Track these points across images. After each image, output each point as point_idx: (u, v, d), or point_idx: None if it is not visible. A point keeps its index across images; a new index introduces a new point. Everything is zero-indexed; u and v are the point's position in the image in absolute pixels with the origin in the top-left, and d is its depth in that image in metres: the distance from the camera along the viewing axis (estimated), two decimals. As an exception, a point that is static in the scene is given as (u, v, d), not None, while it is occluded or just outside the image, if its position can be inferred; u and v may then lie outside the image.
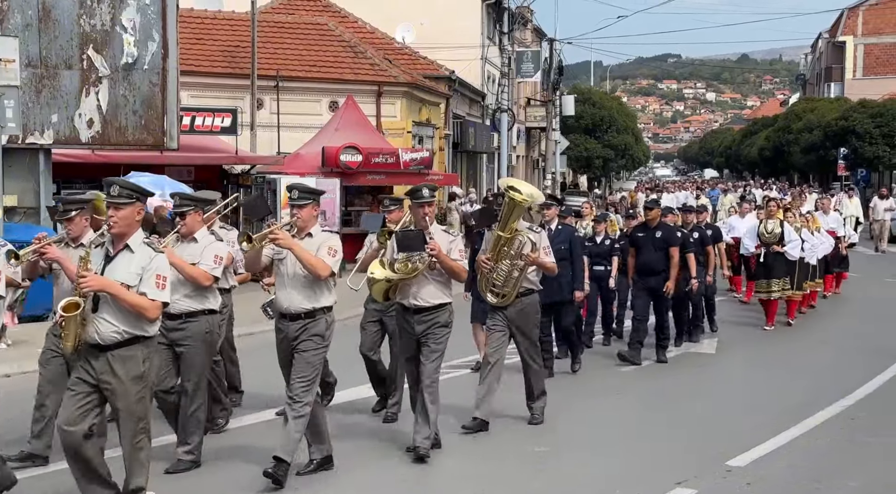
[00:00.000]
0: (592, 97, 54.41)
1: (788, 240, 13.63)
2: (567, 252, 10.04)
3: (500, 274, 8.02)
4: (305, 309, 6.56)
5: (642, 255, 11.33)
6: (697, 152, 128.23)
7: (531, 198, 7.91)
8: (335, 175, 19.98)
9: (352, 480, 6.76)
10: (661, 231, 11.37)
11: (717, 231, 13.79)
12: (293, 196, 6.68)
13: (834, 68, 65.11)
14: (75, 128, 13.25)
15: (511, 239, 7.98)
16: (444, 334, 7.32)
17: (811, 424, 8.46)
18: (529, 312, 8.20)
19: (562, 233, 10.22)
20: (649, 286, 11.22)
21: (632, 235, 11.71)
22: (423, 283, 7.24)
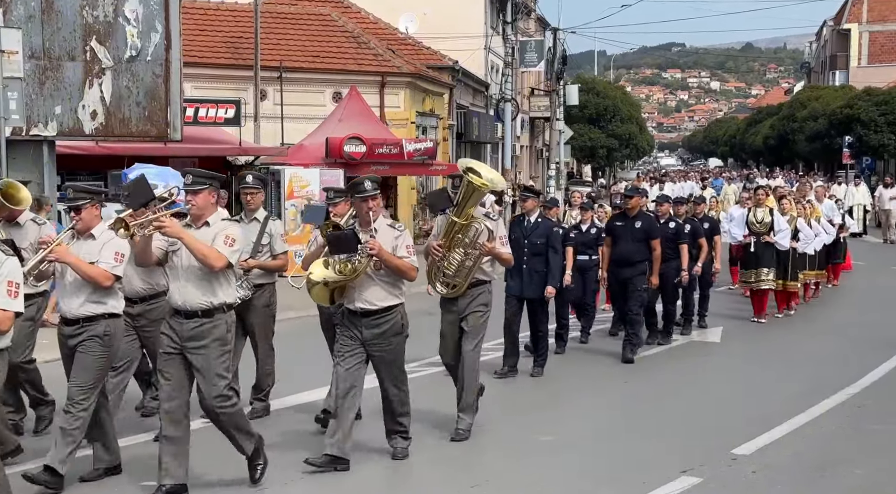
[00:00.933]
0: (596, 87, 54.31)
1: (778, 229, 13.19)
2: (544, 247, 9.63)
3: (453, 262, 7.50)
4: (202, 305, 5.97)
5: (619, 246, 10.85)
6: (702, 141, 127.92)
7: (491, 183, 7.36)
8: (339, 166, 19.95)
9: (355, 474, 6.76)
10: (641, 221, 10.89)
11: (713, 223, 13.22)
12: (187, 181, 6.13)
13: (839, 56, 64.86)
14: (79, 120, 13.24)
15: (466, 226, 7.42)
16: (396, 344, 6.75)
17: (817, 412, 8.45)
18: (479, 304, 7.62)
19: (540, 226, 9.73)
20: (623, 277, 10.81)
21: (609, 225, 11.26)
22: (368, 284, 6.63)
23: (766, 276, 13.19)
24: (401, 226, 6.83)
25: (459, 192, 7.45)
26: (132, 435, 7.37)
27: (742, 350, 11.72)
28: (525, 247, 9.60)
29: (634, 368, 10.45)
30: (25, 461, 6.60)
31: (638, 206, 11.02)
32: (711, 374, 10.51)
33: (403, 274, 6.65)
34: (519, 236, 9.66)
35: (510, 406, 8.68)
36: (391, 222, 6.88)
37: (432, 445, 7.43)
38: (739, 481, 6.57)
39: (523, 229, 9.75)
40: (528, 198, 9.99)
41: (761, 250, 13.15)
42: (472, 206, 7.43)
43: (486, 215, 7.68)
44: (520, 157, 43.19)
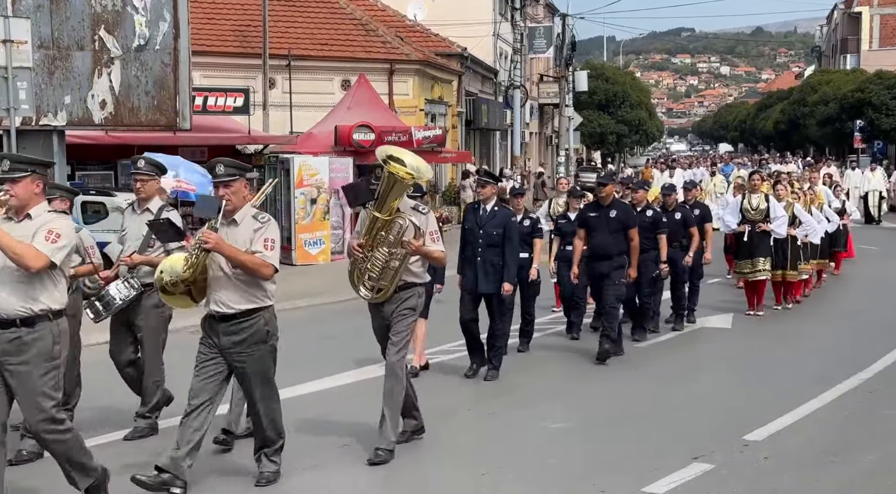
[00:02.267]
0: (605, 72, 54.14)
1: (774, 217, 12.42)
2: (500, 238, 8.90)
3: (377, 263, 6.64)
4: (20, 313, 5.21)
5: (595, 237, 10.05)
6: (712, 127, 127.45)
7: (417, 172, 6.48)
8: (348, 154, 19.95)
9: (363, 457, 6.77)
10: (616, 209, 10.06)
11: (704, 210, 12.53)
12: (4, 167, 5.32)
13: (850, 40, 64.46)
14: (88, 110, 13.24)
15: (390, 222, 6.56)
16: (260, 355, 5.95)
17: (829, 397, 8.43)
18: (406, 308, 6.75)
19: (497, 215, 8.96)
20: (600, 272, 10.01)
21: (582, 215, 10.40)
22: (223, 284, 5.87)
23: (762, 266, 12.50)
24: (265, 217, 5.94)
25: (380, 184, 6.59)
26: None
27: (753, 336, 11.68)
28: (480, 238, 8.94)
29: (644, 355, 10.43)
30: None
31: (611, 194, 10.20)
32: (722, 361, 10.49)
33: (254, 273, 5.80)
34: (473, 226, 9.03)
35: (519, 393, 8.68)
36: (257, 212, 5.98)
37: (443, 433, 7.44)
38: (751, 467, 6.56)
39: (478, 218, 9.01)
40: (486, 184, 9.10)
41: (757, 239, 12.45)
42: (396, 200, 6.56)
43: (416, 208, 6.74)
44: (529, 144, 43.12)
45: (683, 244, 11.69)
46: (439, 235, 6.87)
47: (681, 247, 11.63)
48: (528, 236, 10.04)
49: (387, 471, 6.55)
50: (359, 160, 20.29)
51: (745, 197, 12.77)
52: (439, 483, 6.29)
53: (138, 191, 7.03)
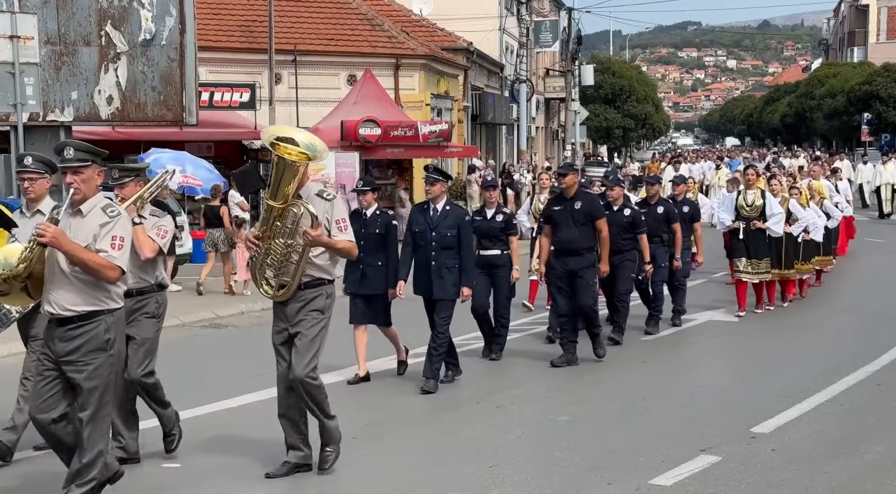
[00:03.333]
0: (612, 67, 54.10)
1: (771, 214, 11.75)
2: (454, 239, 8.33)
3: (276, 257, 6.00)
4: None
5: (560, 232, 9.32)
6: (718, 120, 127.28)
7: (311, 151, 5.87)
8: (354, 148, 19.97)
9: (374, 456, 6.79)
10: (581, 201, 9.33)
11: (693, 207, 12.04)
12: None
13: (857, 32, 64.25)
14: (95, 105, 13.28)
15: (284, 210, 5.94)
16: (97, 366, 5.17)
17: (836, 390, 8.42)
18: (312, 310, 6.01)
19: (449, 215, 8.38)
20: (568, 269, 9.29)
21: (546, 211, 9.65)
22: (61, 282, 5.15)
23: (764, 268, 11.86)
24: (114, 211, 5.24)
25: (272, 169, 5.97)
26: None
27: (759, 329, 11.66)
28: (433, 241, 8.35)
29: (651, 348, 10.43)
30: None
31: (574, 185, 9.43)
32: (729, 354, 10.48)
33: (95, 274, 5.09)
34: (424, 227, 8.41)
35: (527, 387, 8.69)
36: (107, 204, 5.30)
37: (451, 427, 7.46)
38: (758, 459, 6.56)
39: (428, 219, 8.41)
40: (434, 182, 8.41)
41: (753, 237, 11.77)
42: (290, 185, 5.88)
43: (321, 194, 6.06)
44: (535, 139, 43.08)
45: (664, 240, 11.17)
46: (348, 224, 6.11)
47: (661, 242, 11.11)
48: (503, 233, 9.48)
49: (394, 464, 6.57)
50: (365, 154, 20.33)
51: (740, 193, 12.15)
52: (447, 476, 6.30)
53: (27, 192, 6.00)
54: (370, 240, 8.48)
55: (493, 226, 9.51)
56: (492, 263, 9.45)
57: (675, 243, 11.27)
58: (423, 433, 7.24)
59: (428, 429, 7.34)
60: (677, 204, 11.77)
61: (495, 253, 9.44)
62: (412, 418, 7.66)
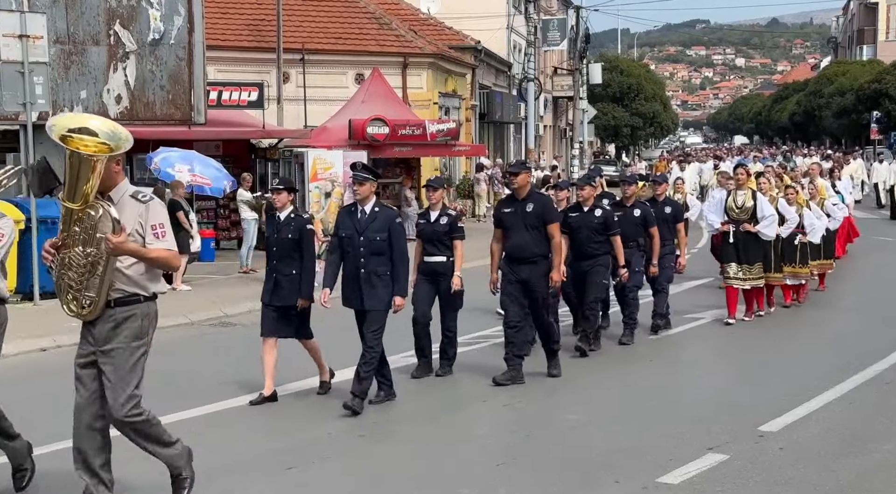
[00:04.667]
0: (620, 65, 54.07)
1: (762, 216, 11.11)
2: (385, 244, 7.57)
3: (76, 269, 5.11)
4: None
5: (511, 237, 8.46)
6: (727, 119, 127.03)
7: (113, 140, 4.99)
8: (362, 147, 19.97)
9: (382, 452, 6.81)
10: (533, 203, 8.49)
11: (676, 207, 11.41)
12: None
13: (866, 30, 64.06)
14: (104, 104, 13.35)
15: (83, 213, 5.06)
16: None
17: (844, 388, 8.40)
18: (125, 337, 5.12)
19: (378, 218, 7.58)
20: (521, 278, 8.42)
21: (496, 213, 8.86)
22: None
23: (753, 274, 11.23)
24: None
25: (65, 166, 5.05)
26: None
27: (766, 328, 11.63)
28: (361, 246, 7.56)
29: (658, 347, 10.41)
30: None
31: (527, 185, 8.58)
32: (737, 352, 10.46)
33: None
34: (352, 232, 7.61)
35: (534, 385, 8.68)
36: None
37: (459, 424, 7.47)
38: (766, 458, 6.55)
39: (356, 222, 7.61)
40: (363, 181, 7.61)
41: (744, 240, 11.14)
42: (88, 183, 4.96)
43: (136, 195, 5.15)
44: (543, 137, 43.06)
45: (641, 244, 10.46)
46: (167, 230, 5.19)
47: (638, 247, 10.41)
48: (447, 236, 8.66)
49: (401, 462, 6.58)
50: (373, 153, 20.34)
51: (730, 193, 11.45)
52: (455, 474, 6.31)
53: None
54: (283, 245, 7.84)
55: (436, 229, 8.68)
56: (436, 270, 8.66)
57: (652, 248, 10.47)
58: (431, 431, 7.25)
59: (435, 427, 7.35)
60: (659, 204, 11.12)
61: (440, 259, 8.64)
62: (419, 416, 7.67)
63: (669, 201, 11.56)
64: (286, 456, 6.55)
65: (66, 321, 7.60)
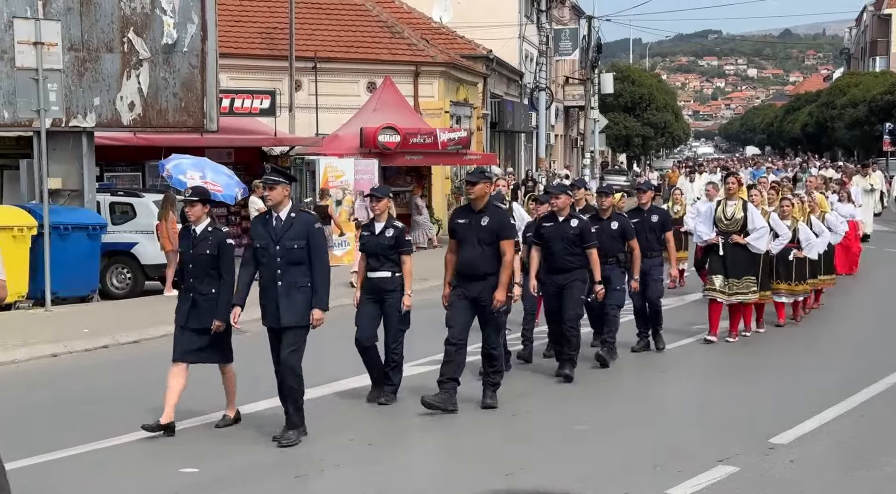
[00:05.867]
0: (631, 75, 54.07)
1: (752, 228, 10.60)
2: (304, 252, 6.93)
3: None
4: None
5: (463, 250, 7.88)
6: (739, 129, 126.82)
7: None
8: (373, 155, 20.03)
9: (392, 461, 6.80)
10: (489, 216, 7.81)
11: (663, 216, 10.83)
12: None
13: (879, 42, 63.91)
14: (117, 111, 13.40)
15: None
16: None
17: (856, 401, 8.35)
18: None
19: (295, 223, 6.97)
20: (472, 295, 7.82)
21: (451, 224, 8.15)
22: None
23: (739, 288, 10.61)
24: None
25: None
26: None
27: (777, 339, 11.58)
28: (277, 256, 6.93)
29: (668, 358, 10.37)
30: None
31: (485, 196, 7.89)
32: (747, 364, 10.41)
33: None
34: (267, 241, 6.96)
35: (544, 395, 8.67)
36: None
37: (468, 433, 7.46)
38: (777, 470, 6.52)
39: (271, 230, 6.98)
40: (274, 185, 6.99)
41: (731, 253, 10.58)
42: None
43: None
44: (554, 147, 43.05)
45: (621, 260, 9.78)
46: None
47: (617, 262, 9.74)
48: (392, 251, 7.98)
49: (410, 471, 6.58)
50: (384, 161, 20.38)
51: (719, 204, 10.91)
52: (463, 483, 6.30)
53: None
54: (200, 262, 7.15)
55: (381, 242, 8.02)
56: (380, 287, 7.99)
57: (632, 262, 9.80)
58: (440, 440, 7.24)
59: (444, 436, 7.33)
60: (645, 213, 10.57)
61: (384, 275, 7.97)
62: (429, 425, 7.65)
63: (656, 209, 10.95)
64: (295, 464, 6.56)
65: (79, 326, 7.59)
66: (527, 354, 9.78)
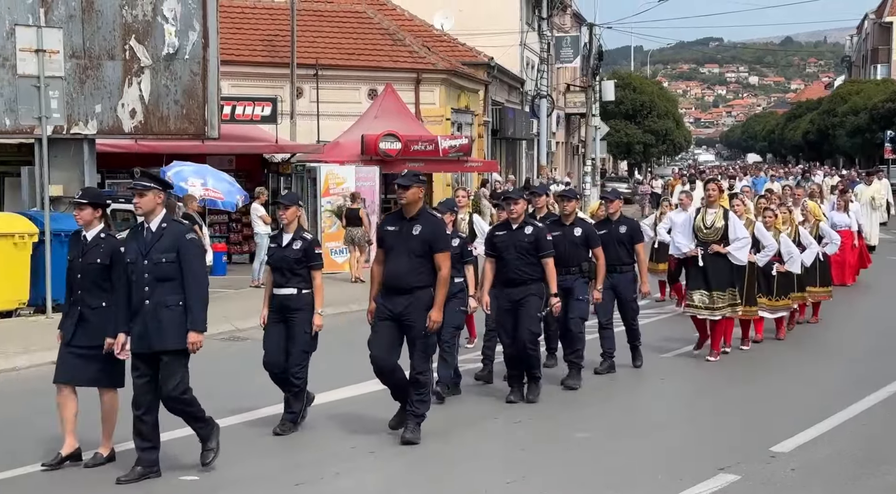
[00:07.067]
0: (633, 82, 54.12)
1: (734, 238, 9.99)
2: (174, 267, 6.20)
3: None
4: None
5: (389, 261, 7.14)
6: (740, 137, 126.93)
7: None
8: (375, 163, 20.02)
9: (393, 468, 6.79)
10: (422, 225, 7.10)
11: (632, 226, 10.07)
12: None
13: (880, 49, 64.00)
14: (118, 119, 13.41)
15: None
16: None
17: (857, 409, 8.34)
18: None
19: (166, 235, 6.25)
20: (396, 312, 7.08)
21: (380, 230, 7.43)
22: None
23: (720, 303, 9.99)
24: None
25: None
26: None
27: (778, 347, 11.56)
28: (146, 271, 6.22)
29: (669, 366, 10.36)
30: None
31: (418, 202, 7.15)
32: (748, 372, 10.39)
33: None
34: (136, 256, 6.26)
35: (545, 403, 8.65)
36: None
37: (470, 441, 7.45)
38: (778, 479, 6.51)
39: (141, 242, 6.28)
40: (144, 191, 6.24)
41: (712, 265, 9.99)
42: None
43: None
44: (555, 154, 43.08)
45: (584, 269, 9.09)
46: None
47: (580, 272, 9.07)
48: (300, 265, 7.34)
49: (412, 479, 6.56)
50: (385, 169, 20.38)
51: (698, 212, 10.34)
52: (465, 491, 6.29)
53: None
54: (90, 272, 6.38)
55: (287, 255, 7.35)
56: (287, 305, 7.32)
57: (597, 272, 9.16)
58: (442, 448, 7.23)
59: (446, 444, 7.32)
60: (613, 223, 9.92)
61: (290, 291, 7.31)
62: (430, 433, 7.63)
63: (625, 219, 10.15)
64: (296, 472, 6.55)
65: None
66: (486, 374, 9.16)
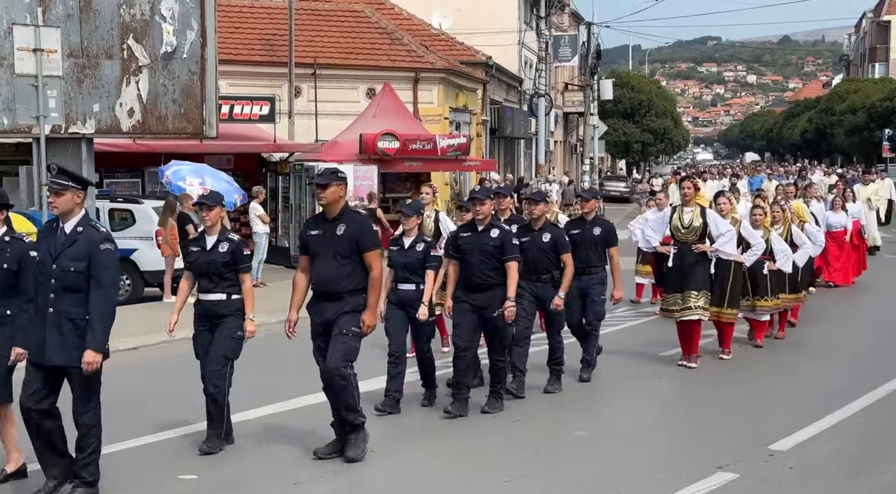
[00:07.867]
0: (631, 81, 54.16)
1: (718, 234, 9.58)
2: (83, 278, 5.69)
3: None
4: None
5: (316, 266, 6.74)
6: (738, 135, 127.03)
7: None
8: (373, 162, 20.03)
9: (389, 468, 6.79)
10: (346, 224, 6.68)
11: (606, 228, 9.49)
12: None
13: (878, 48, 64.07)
14: (116, 118, 13.38)
15: None
16: None
17: (855, 408, 8.35)
18: None
19: (79, 241, 5.75)
20: (324, 318, 6.70)
21: (302, 235, 6.98)
22: None
23: (694, 302, 9.59)
24: None
25: None
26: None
27: (777, 346, 11.57)
28: (52, 277, 5.75)
29: (668, 364, 10.36)
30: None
31: (339, 201, 6.70)
32: (746, 370, 10.40)
33: None
34: (45, 256, 5.84)
35: (544, 401, 8.66)
36: None
37: (468, 440, 7.45)
38: (776, 477, 6.52)
39: (52, 243, 5.82)
40: (61, 191, 5.77)
41: (690, 265, 9.61)
42: None
43: None
44: (554, 153, 43.08)
45: (556, 277, 8.62)
46: None
47: (552, 280, 8.62)
48: (228, 268, 6.96)
49: (410, 478, 6.56)
50: (383, 168, 20.39)
51: (675, 211, 9.93)
52: (462, 490, 6.29)
53: None
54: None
55: (213, 259, 6.95)
56: (214, 312, 6.95)
57: (563, 277, 8.58)
58: (440, 447, 7.23)
59: (444, 443, 7.33)
60: (587, 224, 9.46)
61: (218, 297, 6.94)
62: (428, 432, 7.65)
63: (599, 221, 9.70)
64: (295, 471, 6.55)
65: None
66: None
